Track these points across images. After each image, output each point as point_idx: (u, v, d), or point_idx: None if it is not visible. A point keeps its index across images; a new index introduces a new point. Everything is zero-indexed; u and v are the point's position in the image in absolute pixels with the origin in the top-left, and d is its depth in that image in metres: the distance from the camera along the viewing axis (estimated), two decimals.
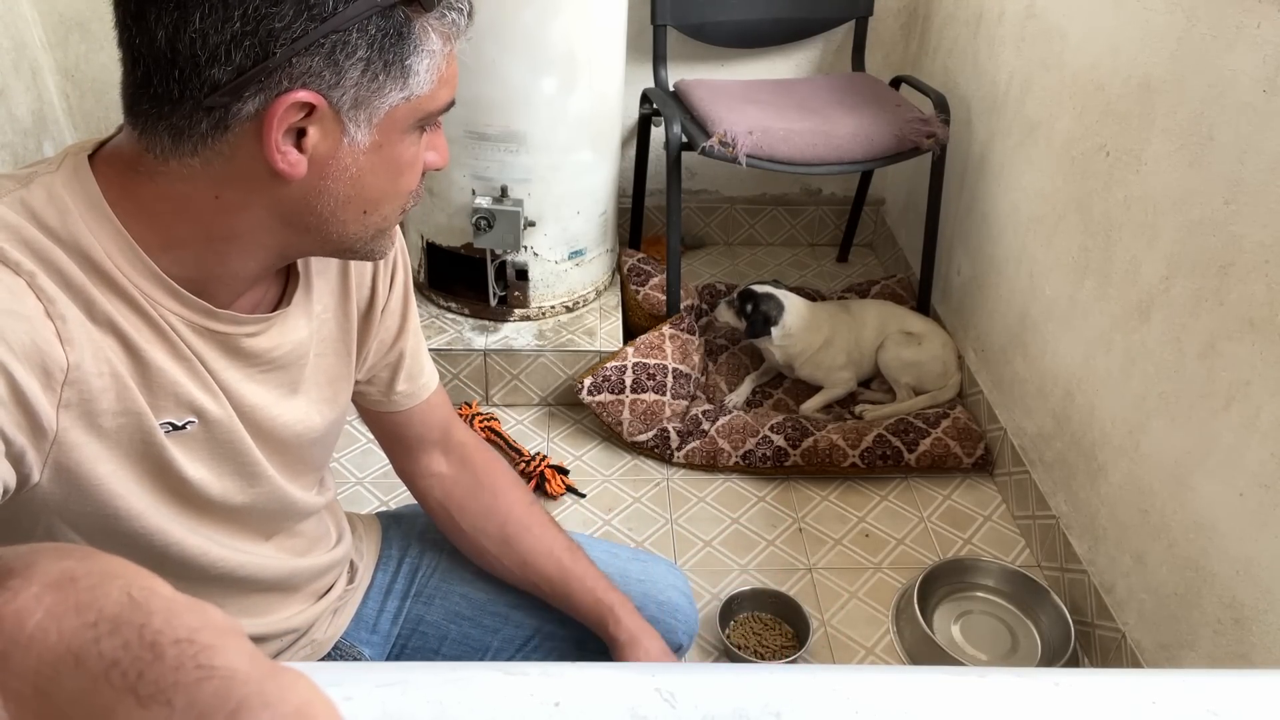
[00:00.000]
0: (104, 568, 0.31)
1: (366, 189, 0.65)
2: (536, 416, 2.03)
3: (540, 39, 1.76)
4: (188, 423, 0.68)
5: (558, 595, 0.97)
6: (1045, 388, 1.72)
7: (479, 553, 0.99)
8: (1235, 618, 1.22)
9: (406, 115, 0.64)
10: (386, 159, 0.65)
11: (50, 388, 0.57)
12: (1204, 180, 1.28)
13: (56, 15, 2.21)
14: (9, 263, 0.56)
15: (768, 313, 1.97)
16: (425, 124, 0.67)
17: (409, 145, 0.66)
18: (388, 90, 0.62)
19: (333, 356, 0.81)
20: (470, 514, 0.98)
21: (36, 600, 0.30)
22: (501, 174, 1.88)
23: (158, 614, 0.29)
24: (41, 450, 0.58)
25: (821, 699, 0.55)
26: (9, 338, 0.54)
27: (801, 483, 1.88)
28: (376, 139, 0.63)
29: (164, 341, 0.65)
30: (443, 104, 0.67)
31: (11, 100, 2.22)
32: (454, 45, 0.66)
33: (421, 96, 0.64)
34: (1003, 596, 1.63)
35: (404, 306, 0.88)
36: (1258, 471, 1.18)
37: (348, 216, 0.66)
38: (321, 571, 0.90)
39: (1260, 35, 1.18)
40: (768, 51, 2.41)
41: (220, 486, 0.73)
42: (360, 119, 0.62)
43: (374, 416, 0.94)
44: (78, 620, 0.29)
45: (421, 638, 1.00)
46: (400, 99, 0.63)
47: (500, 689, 0.53)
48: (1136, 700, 0.56)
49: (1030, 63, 1.78)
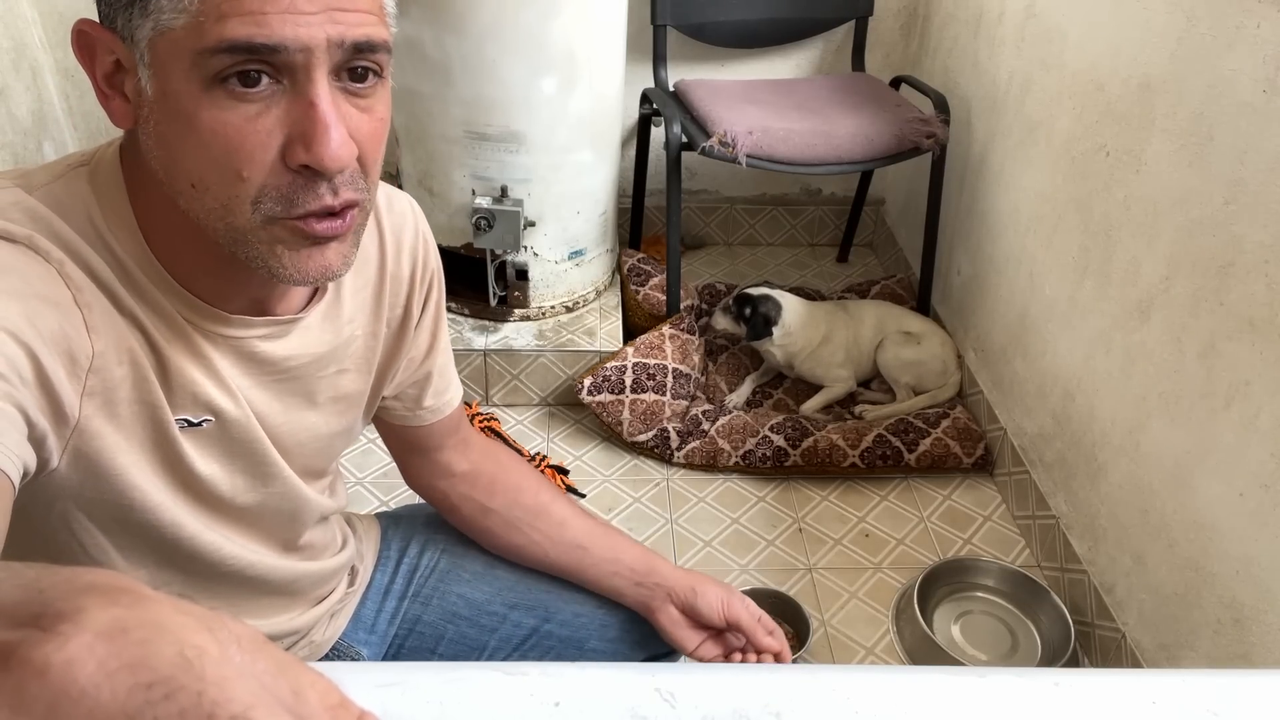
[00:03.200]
0: (155, 617, 0.30)
1: (176, 153, 0.56)
2: (536, 416, 2.03)
3: (540, 39, 1.76)
4: (204, 420, 0.67)
5: (600, 549, 0.96)
6: (1045, 388, 1.72)
7: (510, 528, 0.97)
8: (1235, 618, 1.22)
9: (171, 55, 0.52)
10: (175, 114, 0.54)
11: (75, 375, 0.57)
12: (1204, 180, 1.28)
13: (56, 15, 2.21)
14: (40, 250, 0.56)
15: (767, 314, 1.97)
16: (216, 72, 0.52)
17: (205, 104, 0.53)
18: (134, 18, 0.53)
19: (354, 373, 0.80)
20: (501, 490, 0.96)
21: (89, 651, 0.28)
22: (501, 174, 1.88)
23: (212, 682, 0.29)
24: (62, 436, 0.58)
25: (821, 699, 0.55)
26: (38, 323, 0.54)
27: (801, 483, 1.88)
28: (158, 85, 0.54)
29: (183, 341, 0.64)
30: (213, 44, 0.51)
31: (11, 100, 2.22)
32: None
33: (177, 30, 0.52)
34: (1003, 596, 1.63)
35: (435, 324, 0.87)
36: (1258, 471, 1.18)
37: (179, 188, 0.57)
38: (327, 577, 0.90)
39: (1260, 35, 1.18)
40: (768, 51, 2.41)
41: (230, 484, 0.72)
42: (139, 59, 0.54)
43: (394, 429, 0.93)
44: (132, 680, 0.28)
45: (419, 638, 1.00)
46: (151, 31, 0.52)
47: (500, 689, 0.53)
48: (1136, 700, 0.56)
49: (1030, 63, 1.78)
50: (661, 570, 0.95)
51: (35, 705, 0.28)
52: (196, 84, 0.53)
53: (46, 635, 0.29)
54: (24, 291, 0.54)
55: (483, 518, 0.97)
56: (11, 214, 0.57)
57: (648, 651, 1.03)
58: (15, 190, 0.58)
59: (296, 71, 0.54)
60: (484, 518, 0.97)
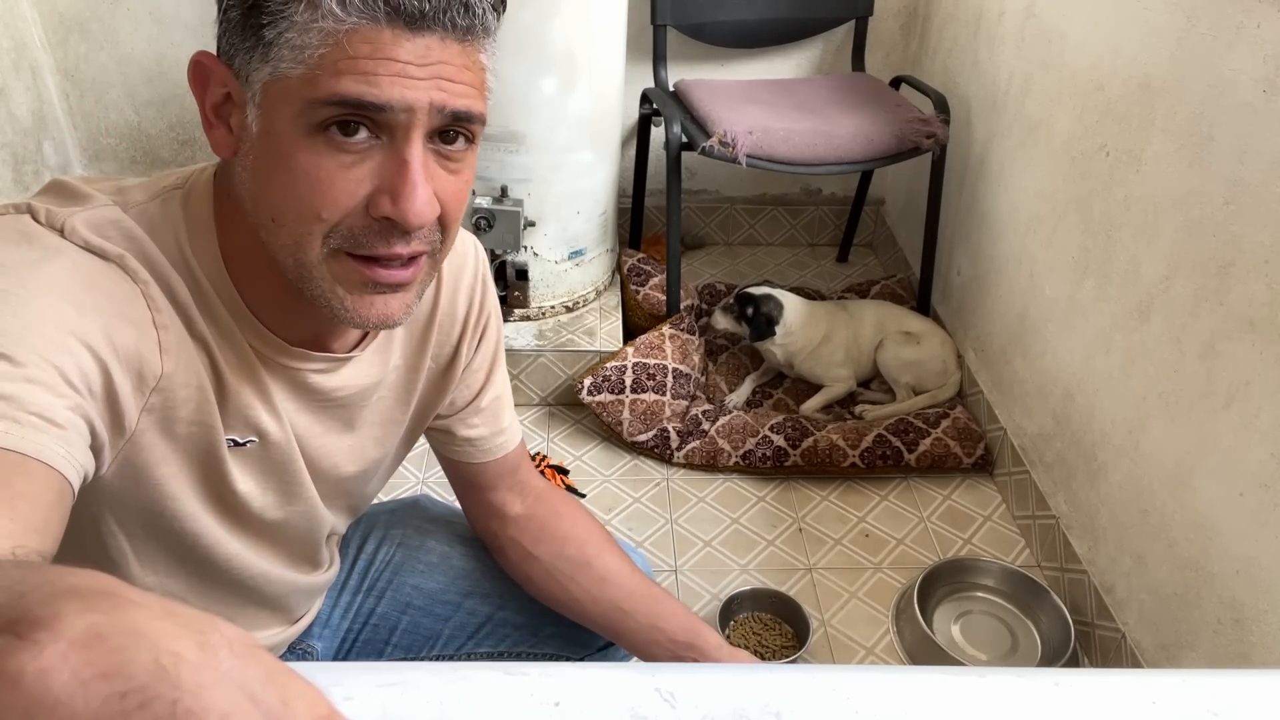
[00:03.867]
0: (133, 623, 0.30)
1: (265, 187, 0.59)
2: (536, 416, 2.03)
3: (540, 39, 1.76)
4: (249, 441, 0.70)
5: (641, 614, 0.92)
6: (1045, 388, 1.72)
7: (550, 578, 0.95)
8: (1235, 618, 1.22)
9: (281, 99, 0.56)
10: (274, 152, 0.57)
11: (140, 391, 0.60)
12: (1204, 180, 1.28)
13: (56, 15, 2.21)
14: (129, 270, 0.59)
15: (770, 313, 1.97)
16: (321, 121, 0.55)
17: (304, 147, 0.56)
18: (254, 61, 0.56)
19: (391, 400, 0.81)
20: (549, 538, 0.95)
21: (63, 659, 0.28)
22: (501, 174, 1.88)
23: (188, 690, 0.28)
24: (116, 446, 0.61)
25: (821, 699, 0.55)
26: (115, 339, 0.57)
27: (801, 483, 1.88)
28: (264, 124, 0.57)
29: (244, 366, 0.67)
30: (324, 96, 0.54)
31: (11, 100, 2.22)
32: (344, 26, 0.53)
33: (292, 79, 0.55)
34: (1003, 596, 1.63)
35: (491, 366, 0.88)
36: (1258, 471, 1.18)
37: (261, 219, 0.60)
38: (315, 593, 0.92)
39: (1260, 35, 1.18)
40: (768, 51, 2.41)
41: (263, 500, 0.75)
42: (250, 96, 0.57)
43: (450, 464, 0.94)
44: (106, 688, 0.28)
45: (372, 630, 1.00)
46: (267, 74, 0.55)
47: (500, 689, 0.53)
48: (1136, 700, 0.56)
49: (1030, 63, 1.78)
50: (705, 643, 0.90)
51: (10, 714, 0.28)
52: (300, 128, 0.56)
53: (22, 643, 0.29)
54: (107, 309, 0.57)
55: (525, 564, 0.96)
56: (109, 231, 0.60)
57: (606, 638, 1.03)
58: (114, 208, 0.61)
59: (395, 129, 0.57)
60: (526, 564, 0.96)
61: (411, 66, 0.55)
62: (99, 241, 0.58)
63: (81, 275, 0.57)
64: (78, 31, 2.22)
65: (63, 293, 0.55)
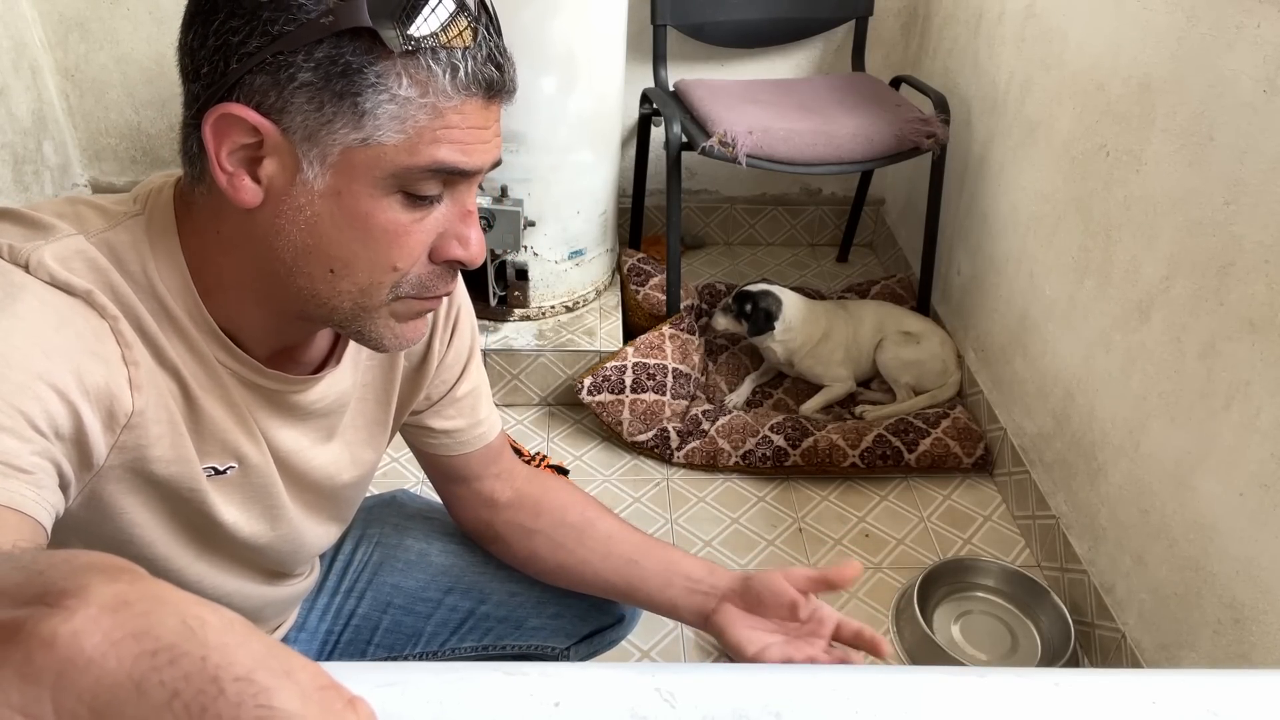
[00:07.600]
0: (155, 592, 0.32)
1: (327, 241, 0.60)
2: (536, 416, 2.03)
3: (540, 39, 1.76)
4: (229, 468, 0.70)
5: (653, 561, 0.92)
6: (1045, 388, 1.72)
7: (556, 548, 0.95)
8: (1235, 618, 1.22)
9: (369, 164, 0.58)
10: (348, 211, 0.59)
11: (110, 429, 0.60)
12: (1204, 180, 1.28)
13: (56, 15, 2.21)
14: (97, 306, 0.58)
15: (768, 308, 1.97)
16: (408, 187, 0.59)
17: (383, 206, 0.59)
18: (339, 127, 0.56)
19: (373, 402, 0.81)
20: (547, 510, 0.95)
21: (94, 622, 0.30)
22: (501, 174, 1.88)
23: (214, 648, 0.30)
24: (83, 480, 0.60)
25: (821, 699, 0.55)
26: (85, 378, 0.56)
27: (801, 483, 1.88)
28: (333, 183, 0.58)
29: (218, 389, 0.66)
30: (425, 164, 0.58)
31: (11, 100, 2.21)
32: (453, 102, 0.58)
33: (387, 146, 0.57)
34: (1003, 596, 1.63)
35: (467, 358, 0.87)
36: (1258, 471, 1.18)
37: (313, 271, 0.61)
38: (292, 602, 0.91)
39: (1260, 35, 1.18)
40: (768, 51, 2.41)
41: (250, 529, 0.74)
42: (314, 155, 0.57)
43: (430, 459, 0.93)
44: (137, 647, 0.30)
45: (354, 630, 1.00)
46: (355, 140, 0.57)
47: (500, 689, 0.53)
48: (1136, 700, 0.56)
49: (1030, 63, 1.78)
50: (720, 573, 0.90)
51: (44, 675, 0.29)
52: (380, 188, 0.58)
53: (52, 610, 0.30)
54: (77, 347, 0.56)
55: (528, 540, 0.95)
56: (74, 264, 0.59)
57: (591, 625, 1.03)
58: (78, 238, 0.60)
59: (461, 184, 0.62)
60: (529, 540, 0.95)
61: (488, 132, 0.61)
62: (65, 276, 0.57)
63: (50, 314, 0.55)
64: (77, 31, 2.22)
65: (30, 334, 0.54)
